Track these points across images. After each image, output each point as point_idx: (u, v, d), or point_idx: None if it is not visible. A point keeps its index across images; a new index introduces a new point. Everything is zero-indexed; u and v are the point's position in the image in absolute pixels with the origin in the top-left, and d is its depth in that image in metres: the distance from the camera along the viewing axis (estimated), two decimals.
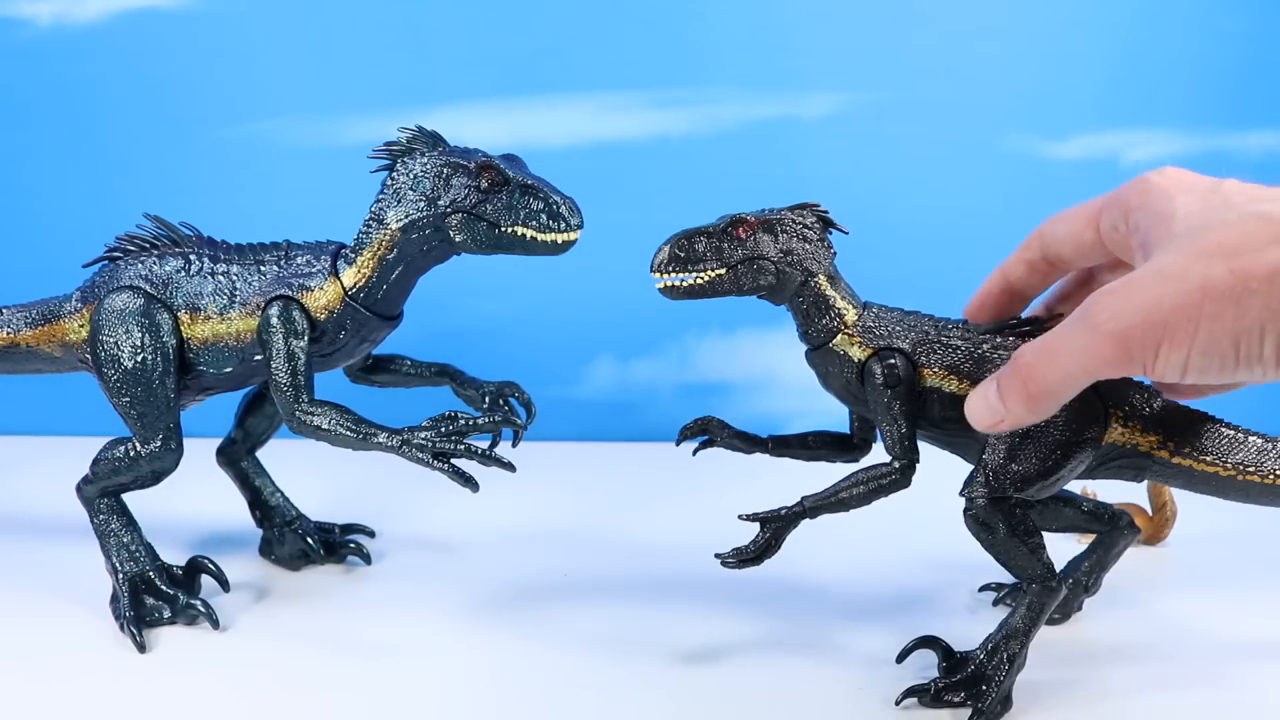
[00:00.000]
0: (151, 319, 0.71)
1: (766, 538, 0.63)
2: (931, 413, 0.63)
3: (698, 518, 0.94)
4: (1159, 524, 0.85)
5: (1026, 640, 0.60)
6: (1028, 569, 0.60)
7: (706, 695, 0.62)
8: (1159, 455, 0.62)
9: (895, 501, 0.63)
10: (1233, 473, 0.61)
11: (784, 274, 0.64)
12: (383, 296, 0.70)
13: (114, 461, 0.70)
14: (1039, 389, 0.51)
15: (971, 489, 0.60)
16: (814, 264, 0.64)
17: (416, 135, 0.69)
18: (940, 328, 0.64)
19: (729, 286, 0.64)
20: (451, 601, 0.75)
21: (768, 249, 0.63)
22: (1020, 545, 0.60)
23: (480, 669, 0.65)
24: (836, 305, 0.64)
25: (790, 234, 0.64)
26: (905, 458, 0.62)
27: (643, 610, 0.74)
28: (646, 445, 1.18)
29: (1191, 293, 0.45)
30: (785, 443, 0.70)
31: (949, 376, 0.63)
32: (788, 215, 0.64)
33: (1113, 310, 0.47)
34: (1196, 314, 0.45)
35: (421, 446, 0.64)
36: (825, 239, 0.64)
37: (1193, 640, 0.69)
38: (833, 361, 0.65)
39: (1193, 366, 0.46)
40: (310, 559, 0.82)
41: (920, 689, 0.60)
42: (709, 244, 0.63)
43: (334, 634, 0.70)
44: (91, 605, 0.72)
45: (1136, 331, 0.47)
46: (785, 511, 0.63)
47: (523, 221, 0.65)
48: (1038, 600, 0.60)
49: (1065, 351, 0.50)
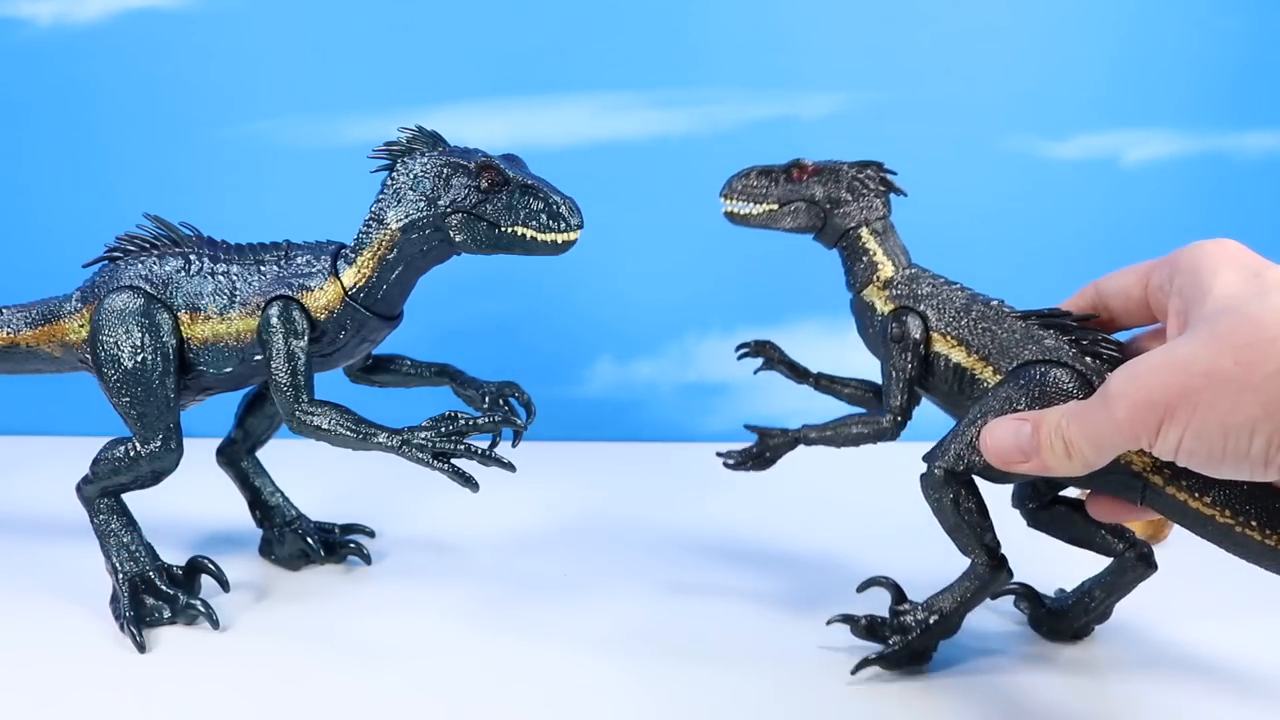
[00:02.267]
0: (151, 319, 0.71)
1: (760, 448, 0.71)
2: (936, 378, 0.65)
3: (698, 518, 0.94)
4: (1159, 524, 0.85)
5: (959, 609, 0.62)
6: (969, 547, 0.61)
7: (707, 695, 0.62)
8: (1152, 480, 0.57)
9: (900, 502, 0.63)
10: (1230, 521, 0.55)
11: (829, 220, 0.69)
12: (383, 296, 0.70)
13: (114, 461, 0.70)
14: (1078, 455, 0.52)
15: (933, 457, 0.61)
16: (860, 216, 0.69)
17: (416, 135, 0.69)
18: (973, 300, 0.65)
19: (779, 222, 0.71)
20: (451, 601, 0.75)
21: (817, 194, 0.69)
22: (964, 523, 0.61)
23: (480, 669, 0.65)
24: (875, 258, 0.68)
25: (843, 185, 0.69)
26: (897, 414, 0.65)
27: (643, 610, 0.74)
28: (646, 445, 1.18)
29: (1195, 377, 0.46)
30: (831, 381, 0.75)
31: (959, 347, 0.63)
32: (847, 167, 0.70)
33: (1121, 389, 0.48)
34: (1196, 399, 0.46)
35: (421, 446, 0.64)
36: (882, 196, 0.69)
37: (1192, 640, 0.69)
38: (864, 311, 0.69)
39: (1184, 449, 0.47)
40: (310, 559, 0.82)
41: (854, 618, 0.65)
42: (768, 181, 0.71)
43: (334, 634, 0.70)
44: (91, 605, 0.72)
45: (1141, 411, 0.47)
46: (784, 431, 0.71)
47: (523, 221, 0.65)
48: (976, 577, 0.62)
49: (1094, 428, 0.51)
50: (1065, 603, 0.69)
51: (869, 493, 0.98)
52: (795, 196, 0.70)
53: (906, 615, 0.63)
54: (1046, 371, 0.59)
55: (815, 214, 0.70)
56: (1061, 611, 0.69)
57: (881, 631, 0.64)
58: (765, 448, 0.72)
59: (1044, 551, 0.71)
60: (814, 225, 0.70)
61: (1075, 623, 0.68)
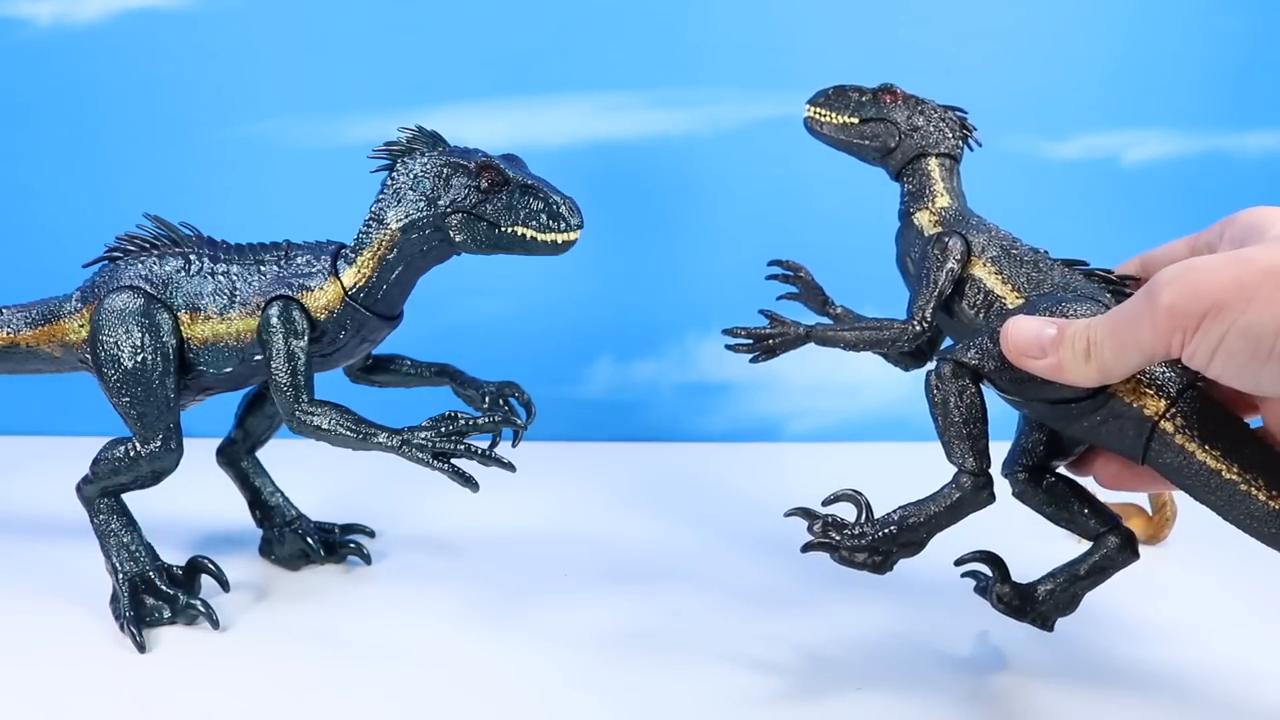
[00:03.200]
0: (151, 319, 0.71)
1: (767, 333, 0.66)
2: (965, 300, 0.63)
3: (698, 518, 0.94)
4: (1159, 524, 0.85)
5: (928, 522, 0.57)
6: (958, 453, 0.58)
7: (707, 695, 0.62)
8: (1162, 426, 0.54)
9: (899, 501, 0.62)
10: (1236, 478, 0.52)
11: (903, 143, 0.70)
12: (383, 296, 0.70)
13: (114, 461, 0.70)
14: (1097, 358, 0.50)
15: (947, 352, 0.59)
16: (931, 145, 0.69)
17: (416, 135, 0.69)
18: (1019, 242, 0.64)
19: (854, 136, 0.71)
20: (451, 601, 0.75)
21: (899, 117, 0.70)
22: (961, 424, 0.57)
23: (480, 669, 0.65)
24: (935, 188, 0.68)
25: (925, 116, 0.70)
26: (918, 320, 0.62)
27: (642, 610, 0.74)
28: (646, 445, 1.18)
29: (1253, 273, 0.44)
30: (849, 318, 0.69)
31: (996, 275, 0.62)
32: (934, 104, 0.71)
33: (1171, 276, 0.46)
34: (1252, 293, 0.44)
35: (421, 446, 0.64)
36: (960, 137, 0.70)
37: (1192, 640, 0.69)
38: (909, 233, 0.68)
39: (1224, 347, 0.45)
40: (310, 559, 0.82)
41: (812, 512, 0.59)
42: (857, 97, 0.71)
43: (334, 634, 0.70)
44: (91, 605, 0.72)
45: (1184, 301, 0.45)
46: (794, 324, 0.66)
47: (523, 221, 0.65)
48: (957, 488, 0.57)
49: (1124, 323, 0.48)
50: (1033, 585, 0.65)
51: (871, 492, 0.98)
52: (876, 115, 0.70)
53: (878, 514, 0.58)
54: (1079, 303, 0.57)
55: (891, 134, 0.70)
56: (1028, 592, 0.65)
57: (839, 533, 0.58)
58: (773, 335, 0.66)
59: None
60: (886, 146, 0.70)
61: (1040, 606, 0.65)
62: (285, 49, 1.15)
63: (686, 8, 1.14)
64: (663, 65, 1.15)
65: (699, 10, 1.14)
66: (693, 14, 1.14)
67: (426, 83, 1.14)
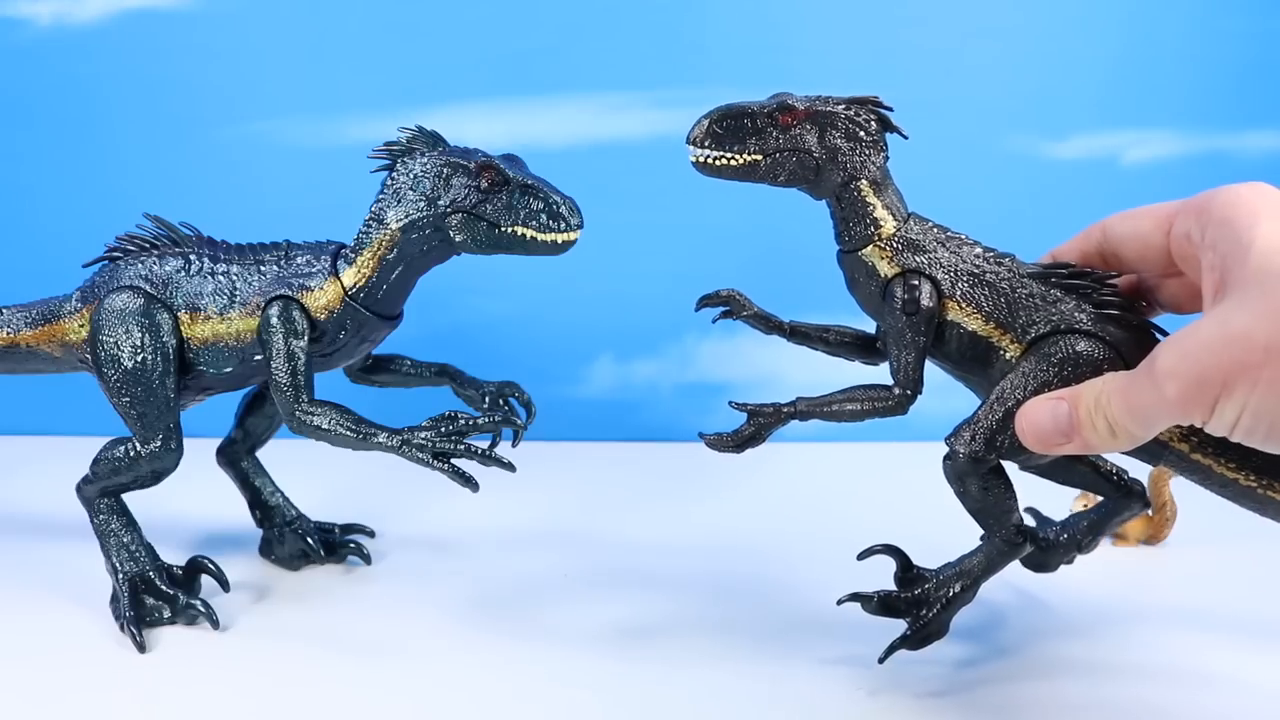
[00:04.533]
0: (151, 319, 0.71)
1: (751, 429, 0.61)
2: (949, 347, 0.60)
3: (698, 518, 0.94)
4: (1159, 524, 0.85)
5: (977, 582, 0.62)
6: (995, 528, 0.60)
7: (706, 695, 0.62)
8: (1177, 446, 0.57)
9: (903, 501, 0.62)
10: (1253, 484, 0.57)
11: (825, 172, 0.60)
12: (383, 296, 0.70)
13: (114, 461, 0.70)
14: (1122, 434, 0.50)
15: (956, 440, 0.58)
16: (859, 167, 0.60)
17: (416, 135, 0.69)
18: (982, 258, 0.60)
19: (764, 174, 0.61)
20: (451, 601, 0.75)
21: (811, 143, 0.60)
22: (993, 506, 0.59)
23: (481, 669, 0.65)
24: (875, 213, 0.61)
25: (840, 131, 0.60)
26: (908, 387, 0.59)
27: (643, 610, 0.74)
28: (646, 445, 1.18)
29: (1254, 352, 0.44)
30: (805, 332, 0.67)
31: (975, 314, 0.59)
32: (842, 110, 0.61)
33: (1171, 368, 0.46)
34: (1257, 375, 0.44)
35: (421, 446, 0.64)
36: (879, 140, 0.61)
37: (1192, 641, 0.69)
38: (860, 270, 0.61)
39: (1241, 426, 0.45)
40: (310, 559, 0.82)
41: (865, 596, 0.62)
42: (751, 125, 0.60)
43: (334, 634, 0.70)
44: (91, 605, 0.72)
45: (1193, 390, 0.46)
46: (774, 408, 0.61)
47: (523, 221, 0.65)
48: (998, 552, 0.61)
49: (1139, 406, 0.49)
50: (1055, 535, 0.68)
51: (870, 492, 0.98)
52: (783, 146, 0.60)
53: (921, 588, 0.62)
54: (1073, 344, 0.57)
55: (808, 166, 0.60)
56: (1050, 545, 0.67)
57: (897, 605, 0.62)
58: (756, 426, 0.62)
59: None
60: (805, 179, 0.61)
61: (1063, 556, 0.68)
62: (285, 49, 1.15)
63: (686, 8, 1.14)
64: (663, 65, 1.15)
65: (699, 10, 1.14)
66: (693, 14, 1.14)
67: (426, 83, 1.14)
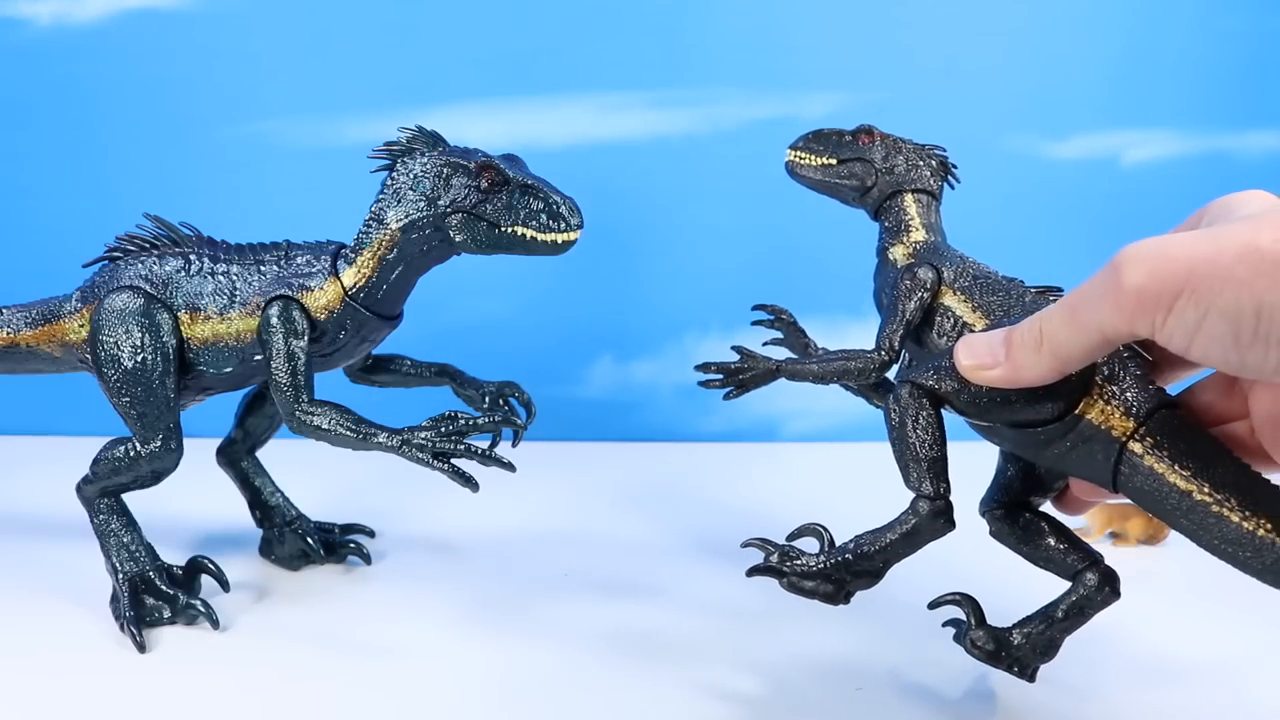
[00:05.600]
0: (151, 319, 0.71)
1: (737, 368, 0.66)
2: (935, 329, 0.62)
3: (698, 518, 0.94)
4: (1159, 524, 0.85)
5: (885, 550, 0.55)
6: (914, 477, 0.56)
7: (706, 695, 0.62)
8: (1130, 447, 0.52)
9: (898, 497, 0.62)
10: (1208, 499, 0.49)
11: (879, 181, 0.70)
12: (383, 296, 0.70)
13: (114, 461, 0.70)
14: (1049, 343, 0.48)
15: (909, 373, 0.58)
16: (907, 182, 0.69)
17: (416, 135, 0.69)
18: (993, 273, 0.63)
19: (833, 177, 0.71)
20: (451, 601, 0.75)
21: (875, 157, 0.70)
22: (919, 447, 0.56)
23: (480, 669, 0.65)
24: (911, 223, 0.68)
25: (902, 155, 0.70)
26: (885, 351, 0.62)
27: (643, 610, 0.74)
28: (646, 445, 1.18)
29: (1226, 251, 0.41)
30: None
31: (965, 303, 0.61)
32: (911, 144, 0.71)
33: (1139, 256, 0.43)
34: (1227, 274, 0.41)
35: (421, 446, 0.64)
36: (936, 176, 0.70)
37: (1190, 640, 0.69)
38: (885, 269, 0.67)
39: (1204, 332, 0.42)
40: (310, 559, 0.82)
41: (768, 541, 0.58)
42: (835, 139, 0.72)
43: (334, 634, 0.70)
44: (91, 605, 0.72)
45: (1155, 283, 0.42)
46: (762, 359, 0.66)
47: (523, 221, 0.65)
48: (914, 514, 0.55)
49: (1083, 304, 0.46)
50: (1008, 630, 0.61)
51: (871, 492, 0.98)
52: (854, 155, 0.71)
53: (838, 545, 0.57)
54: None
55: (868, 173, 0.70)
56: (1004, 637, 0.60)
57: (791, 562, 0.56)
58: (743, 369, 0.66)
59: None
60: (863, 185, 0.70)
61: (1016, 653, 0.60)
62: (285, 49, 1.15)
63: (686, 8, 1.14)
64: (663, 65, 1.15)
65: (699, 10, 1.14)
66: (693, 14, 1.14)
67: (426, 83, 1.14)
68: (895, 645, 0.65)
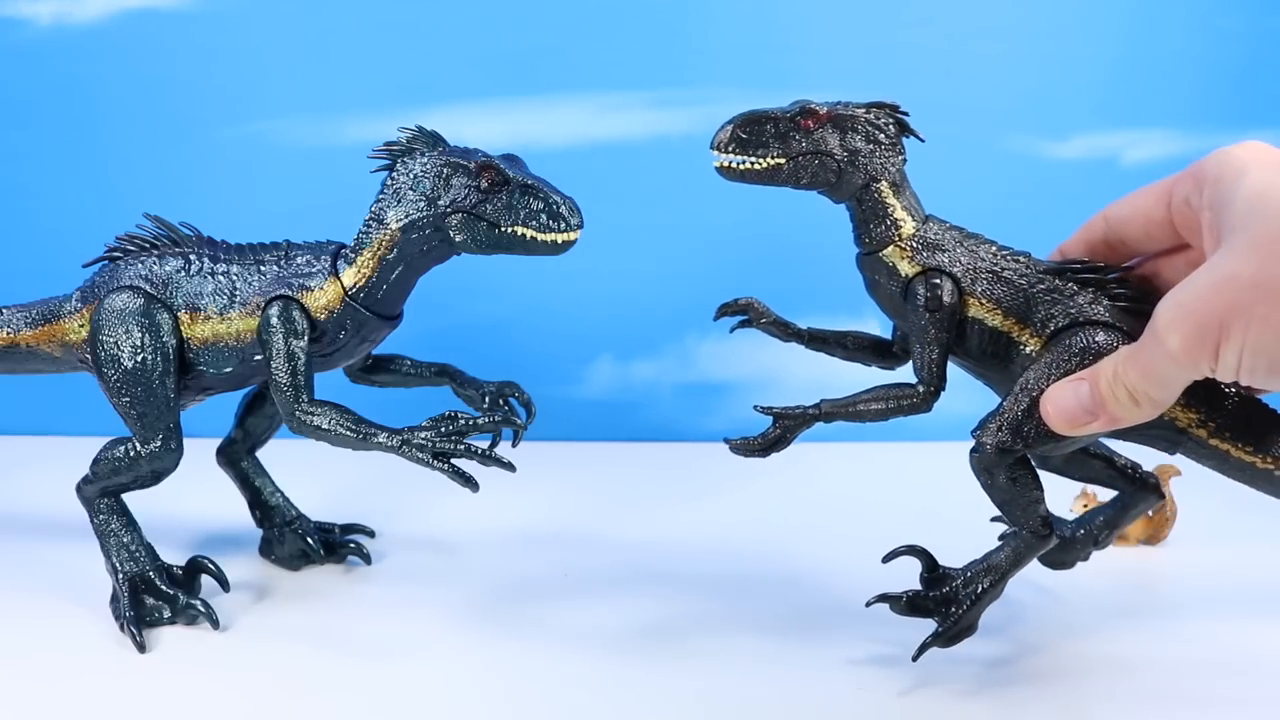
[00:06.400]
0: (151, 319, 0.71)
1: (777, 433, 0.62)
2: (970, 343, 0.62)
3: (698, 518, 0.94)
4: (1159, 524, 0.85)
5: (1004, 578, 0.62)
6: (1023, 520, 0.61)
7: (707, 694, 0.62)
8: (1195, 434, 0.59)
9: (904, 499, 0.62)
10: (1271, 466, 0.59)
11: (846, 174, 0.62)
12: (383, 296, 0.70)
13: (114, 461, 0.70)
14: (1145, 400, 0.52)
15: (983, 433, 0.59)
16: (879, 168, 0.62)
17: (416, 135, 0.69)
18: (999, 256, 0.62)
19: (786, 177, 0.62)
20: (451, 601, 0.75)
21: (833, 145, 0.62)
22: (1020, 497, 0.60)
23: (480, 669, 0.65)
24: (895, 214, 0.62)
25: (860, 133, 0.62)
26: (932, 384, 0.60)
27: (642, 610, 0.74)
28: (646, 445, 1.18)
29: (1242, 292, 0.45)
30: (823, 338, 0.69)
31: (995, 310, 0.61)
32: (861, 113, 0.63)
33: (1169, 321, 0.48)
34: (1249, 314, 0.45)
35: (421, 446, 0.64)
36: (898, 143, 0.63)
37: (1191, 641, 0.69)
38: (881, 271, 0.63)
39: (1245, 367, 0.46)
40: (310, 559, 0.81)
41: (893, 596, 0.63)
42: (774, 130, 0.62)
43: (334, 634, 0.70)
44: (91, 605, 0.72)
45: (1193, 340, 0.47)
46: (800, 410, 0.62)
47: (523, 221, 0.65)
48: (1025, 545, 0.61)
49: (1151, 365, 0.50)
50: (1071, 532, 0.70)
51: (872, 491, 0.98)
52: (806, 149, 0.61)
53: (948, 586, 0.62)
54: (1092, 335, 0.58)
55: (829, 168, 0.62)
56: (1068, 542, 0.69)
57: (925, 605, 0.62)
58: (782, 429, 0.62)
59: None
60: (827, 181, 0.62)
61: (1080, 553, 0.70)
62: (285, 49, 1.15)
63: (686, 8, 1.14)
64: (663, 65, 1.15)
65: (699, 10, 1.14)
66: (693, 14, 1.14)
67: (426, 83, 1.14)
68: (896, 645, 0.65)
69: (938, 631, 0.62)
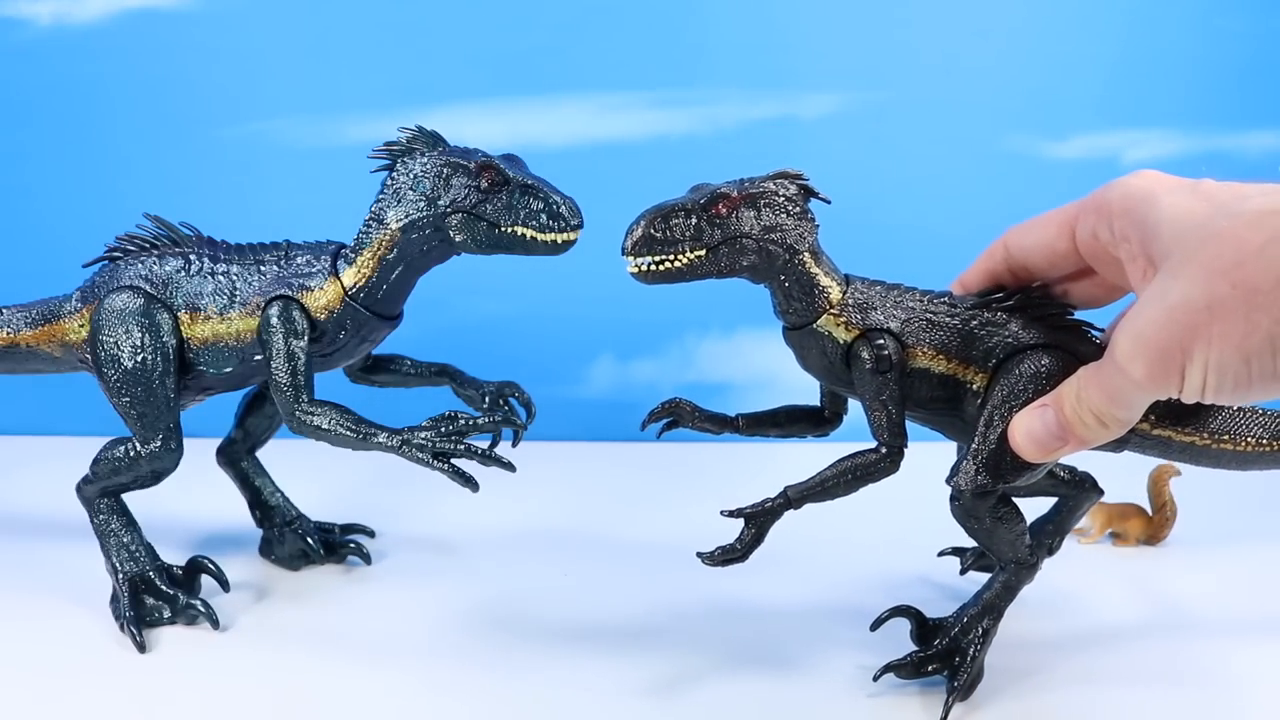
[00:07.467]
0: (151, 319, 0.71)
1: (752, 532, 0.61)
2: (919, 393, 0.61)
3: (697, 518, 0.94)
4: (1159, 524, 0.85)
5: (999, 615, 0.62)
6: (1010, 554, 0.61)
7: (705, 694, 0.62)
8: (1138, 428, 0.60)
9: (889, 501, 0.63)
10: (1210, 442, 0.62)
11: (768, 252, 0.59)
12: (383, 296, 0.70)
13: (114, 461, 0.70)
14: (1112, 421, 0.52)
15: (959, 479, 0.59)
16: (798, 241, 0.59)
17: (416, 135, 0.69)
18: (926, 302, 0.61)
19: (709, 269, 0.59)
20: (451, 601, 0.75)
21: (750, 226, 0.59)
22: (1007, 533, 0.60)
23: (480, 669, 0.65)
24: (820, 282, 0.60)
25: (773, 208, 0.59)
26: (894, 443, 0.59)
27: (642, 610, 0.74)
28: (646, 445, 1.17)
29: (1197, 314, 0.45)
30: (756, 421, 0.68)
31: (938, 356, 0.60)
32: (769, 186, 0.60)
33: (1131, 352, 0.48)
34: (1208, 334, 0.45)
35: (421, 446, 0.64)
36: (807, 211, 0.60)
37: (1191, 640, 0.69)
38: (814, 342, 0.61)
39: (1210, 386, 0.47)
40: (310, 559, 0.82)
41: (898, 664, 0.61)
42: (686, 223, 0.59)
43: (334, 634, 0.70)
44: (91, 605, 0.72)
45: (1157, 366, 0.47)
46: (768, 504, 0.60)
47: (523, 221, 0.65)
48: (1015, 579, 0.61)
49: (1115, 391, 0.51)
50: None
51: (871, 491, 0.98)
52: (724, 236, 0.58)
53: (948, 637, 0.61)
54: (1037, 359, 0.59)
55: (749, 249, 0.59)
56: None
57: (931, 661, 0.61)
58: (756, 527, 0.61)
59: None
60: (752, 265, 0.60)
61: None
62: (285, 49, 1.15)
63: (686, 8, 1.14)
64: (663, 65, 1.15)
65: (699, 10, 1.14)
66: (693, 14, 1.14)
67: (426, 83, 1.14)
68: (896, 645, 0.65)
69: (953, 687, 0.60)
